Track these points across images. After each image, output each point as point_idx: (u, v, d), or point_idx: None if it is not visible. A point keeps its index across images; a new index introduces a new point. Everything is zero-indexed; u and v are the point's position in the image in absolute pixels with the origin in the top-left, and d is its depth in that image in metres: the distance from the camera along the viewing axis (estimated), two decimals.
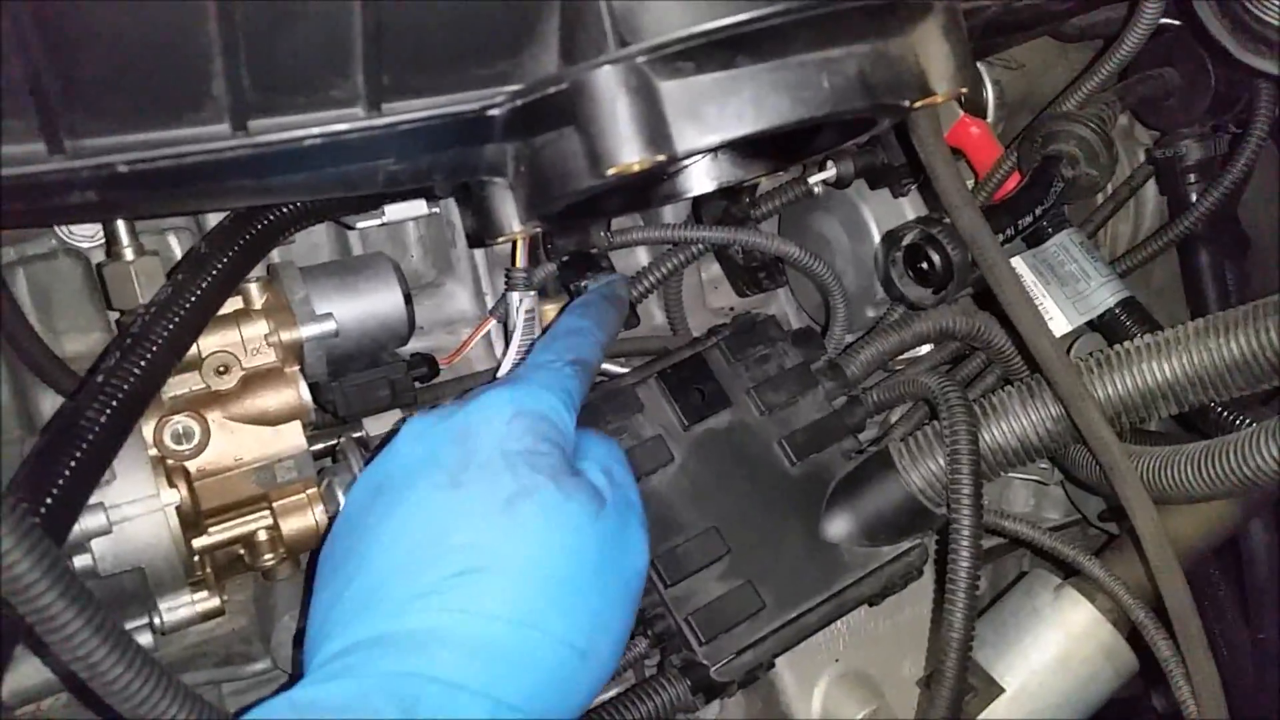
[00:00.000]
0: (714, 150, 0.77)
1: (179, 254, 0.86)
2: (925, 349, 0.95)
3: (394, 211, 0.82)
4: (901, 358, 0.94)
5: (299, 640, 0.76)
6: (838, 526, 0.75)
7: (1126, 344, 0.72)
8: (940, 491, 0.74)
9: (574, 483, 0.58)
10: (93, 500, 0.66)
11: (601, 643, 0.55)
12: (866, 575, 0.74)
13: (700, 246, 0.90)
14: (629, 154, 0.58)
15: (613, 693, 0.71)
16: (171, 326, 0.66)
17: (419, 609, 0.51)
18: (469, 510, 0.55)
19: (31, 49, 0.50)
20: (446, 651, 0.50)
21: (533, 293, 0.83)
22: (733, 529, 0.70)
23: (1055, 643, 0.90)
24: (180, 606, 0.73)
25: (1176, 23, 0.98)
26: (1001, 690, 0.89)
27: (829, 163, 0.93)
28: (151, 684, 0.52)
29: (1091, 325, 0.93)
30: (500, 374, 0.85)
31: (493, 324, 0.92)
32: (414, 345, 0.88)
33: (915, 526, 0.75)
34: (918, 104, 0.65)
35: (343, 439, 0.81)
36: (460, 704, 0.48)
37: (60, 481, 0.59)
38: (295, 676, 0.70)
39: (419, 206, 0.83)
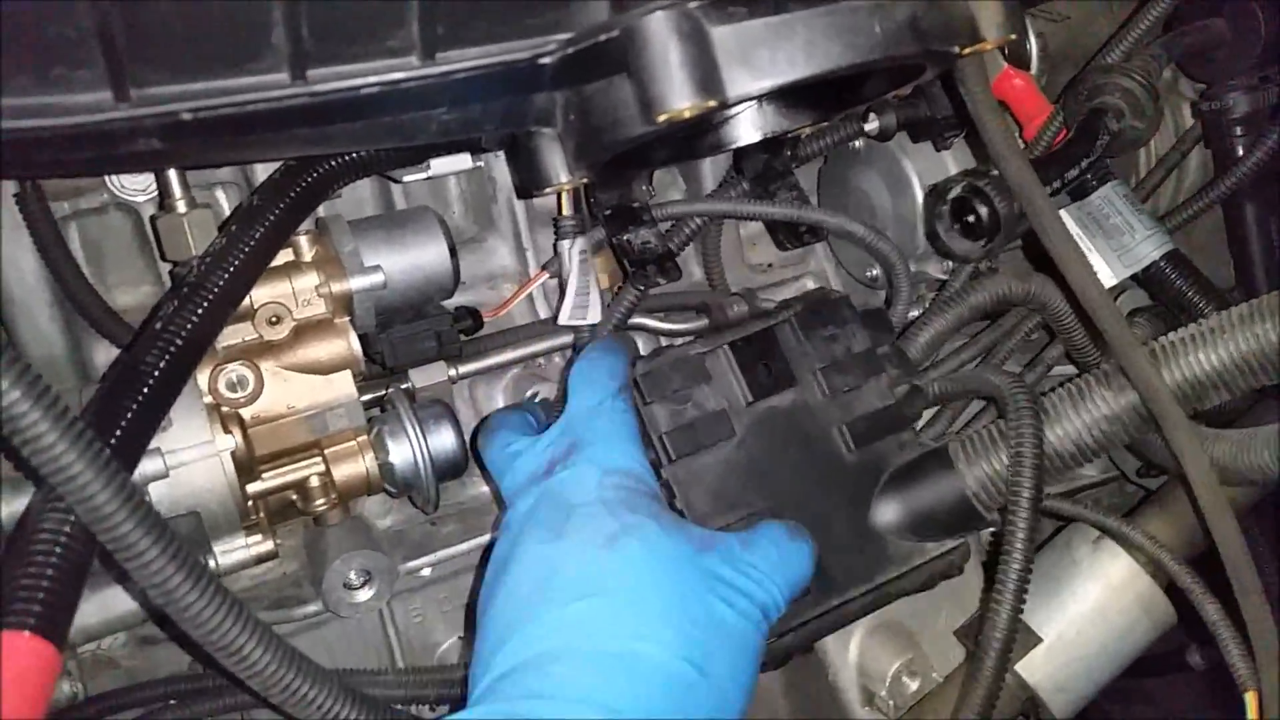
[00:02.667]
0: (761, 99, 0.77)
1: (228, 209, 0.87)
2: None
3: (439, 165, 0.83)
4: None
5: None
6: (887, 518, 0.73)
7: (1170, 336, 0.69)
8: (994, 495, 0.72)
9: (674, 520, 0.60)
10: (151, 446, 0.67)
11: (720, 664, 0.55)
12: (910, 570, 0.73)
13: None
14: (680, 100, 0.59)
15: None
16: (227, 276, 0.67)
17: (536, 640, 0.55)
18: (574, 551, 0.58)
19: None
20: (558, 667, 0.53)
21: (584, 236, 0.84)
22: (785, 512, 0.69)
23: (1093, 594, 0.90)
24: (235, 549, 0.75)
25: None
26: (1039, 640, 0.90)
27: (871, 115, 0.93)
28: (224, 611, 0.54)
29: (1136, 279, 0.93)
30: (560, 321, 0.86)
31: (545, 278, 0.92)
32: (456, 300, 0.88)
33: (963, 527, 0.74)
34: (967, 50, 0.65)
35: (391, 389, 0.82)
36: (574, 712, 0.51)
37: (121, 426, 0.61)
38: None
39: (464, 160, 0.83)
